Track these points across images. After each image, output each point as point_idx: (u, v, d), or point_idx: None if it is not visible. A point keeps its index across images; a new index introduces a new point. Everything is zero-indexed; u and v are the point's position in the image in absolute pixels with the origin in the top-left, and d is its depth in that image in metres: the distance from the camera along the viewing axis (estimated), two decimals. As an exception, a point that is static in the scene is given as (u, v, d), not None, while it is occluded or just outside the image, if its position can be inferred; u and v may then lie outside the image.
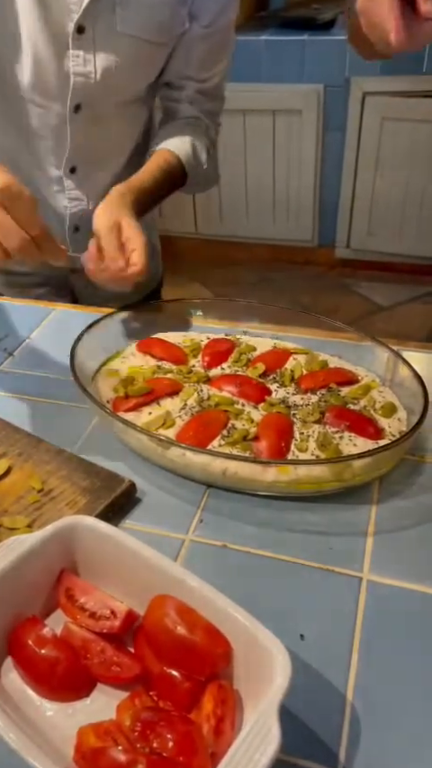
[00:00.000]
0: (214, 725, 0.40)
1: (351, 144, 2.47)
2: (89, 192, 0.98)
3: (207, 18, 0.89)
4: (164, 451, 0.61)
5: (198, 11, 0.89)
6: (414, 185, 2.46)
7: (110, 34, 0.84)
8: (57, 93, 0.87)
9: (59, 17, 0.82)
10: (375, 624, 0.50)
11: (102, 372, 0.74)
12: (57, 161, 0.94)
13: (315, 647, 0.48)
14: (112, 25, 0.84)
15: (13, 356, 0.83)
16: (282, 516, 0.59)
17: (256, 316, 0.82)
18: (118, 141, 0.99)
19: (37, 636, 0.45)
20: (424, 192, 2.47)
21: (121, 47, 0.86)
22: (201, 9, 0.89)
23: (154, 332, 0.80)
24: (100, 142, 0.95)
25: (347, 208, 2.61)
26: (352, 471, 0.59)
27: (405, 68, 2.25)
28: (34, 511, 0.58)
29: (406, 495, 0.61)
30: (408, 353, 0.70)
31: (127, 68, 0.88)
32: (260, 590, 0.53)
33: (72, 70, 0.85)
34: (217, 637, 0.43)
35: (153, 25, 0.86)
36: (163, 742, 0.39)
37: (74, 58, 0.85)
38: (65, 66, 0.85)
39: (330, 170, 2.57)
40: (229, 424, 0.65)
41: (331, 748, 0.43)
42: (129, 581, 0.47)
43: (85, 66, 0.86)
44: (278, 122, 2.50)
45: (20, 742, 0.37)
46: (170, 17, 0.87)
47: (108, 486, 0.60)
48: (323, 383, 0.70)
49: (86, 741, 0.40)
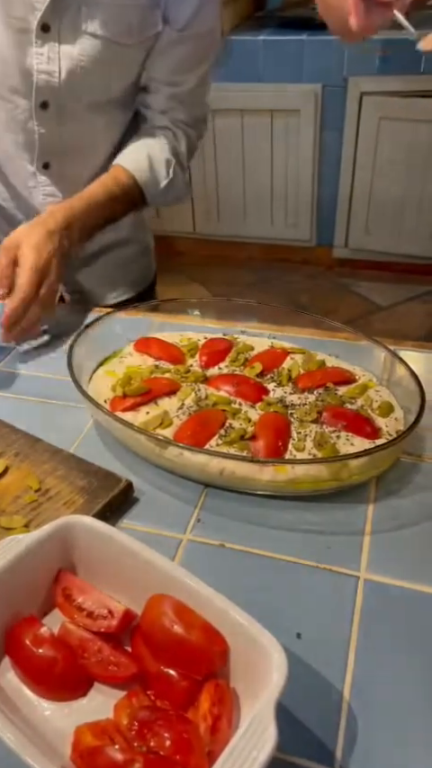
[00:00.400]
0: (211, 724, 0.40)
1: (349, 143, 2.47)
2: (65, 189, 0.97)
3: (181, 22, 0.87)
4: (161, 451, 0.61)
5: (171, 14, 0.87)
6: (412, 185, 2.47)
7: (75, 33, 0.84)
8: (22, 89, 0.87)
9: (23, 14, 0.81)
10: (372, 623, 0.50)
11: (99, 372, 0.74)
12: (29, 156, 0.94)
13: (312, 646, 0.48)
14: (78, 24, 0.83)
15: (10, 355, 0.83)
16: (279, 515, 0.59)
17: (254, 315, 0.82)
18: (92, 141, 0.97)
19: (34, 635, 0.45)
20: (422, 192, 2.47)
21: (86, 47, 0.85)
22: (174, 12, 0.87)
23: (151, 331, 0.80)
24: (72, 140, 0.94)
25: (345, 207, 2.62)
26: (349, 470, 0.59)
27: (402, 68, 2.25)
28: (31, 511, 0.58)
29: (403, 495, 0.61)
30: (405, 353, 0.71)
31: (94, 69, 0.87)
32: (257, 589, 0.53)
33: (36, 68, 0.85)
34: (214, 636, 0.43)
35: (121, 26, 0.85)
36: (160, 741, 0.39)
37: (37, 56, 0.84)
38: (27, 63, 0.85)
39: (328, 169, 2.57)
40: (226, 423, 0.65)
41: (328, 747, 0.43)
42: (126, 580, 0.47)
43: (49, 65, 0.85)
44: (276, 122, 2.51)
45: (17, 741, 0.37)
46: (140, 19, 0.85)
47: (105, 485, 0.60)
48: (320, 383, 0.70)
49: (83, 740, 0.40)
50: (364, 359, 0.73)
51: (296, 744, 0.43)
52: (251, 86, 2.44)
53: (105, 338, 0.77)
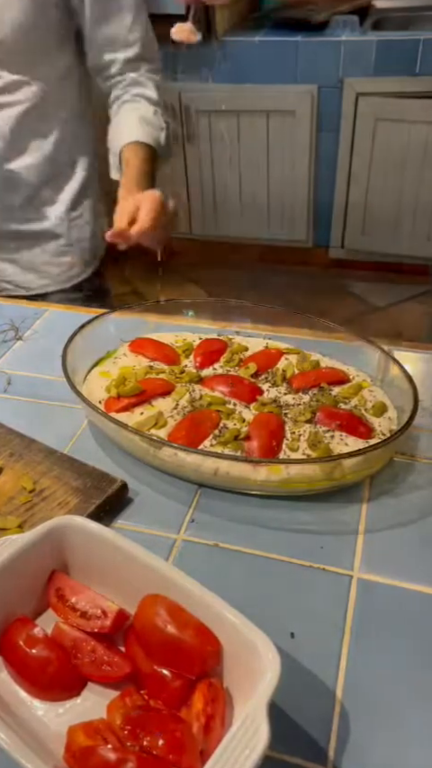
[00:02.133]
0: (204, 723, 0.40)
1: (345, 144, 2.47)
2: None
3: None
4: (156, 451, 0.62)
5: None
6: (408, 186, 2.47)
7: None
8: None
9: None
10: (365, 622, 0.50)
11: (94, 373, 0.74)
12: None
13: (305, 646, 0.48)
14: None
15: (4, 356, 0.83)
16: (273, 515, 0.59)
17: (249, 316, 0.82)
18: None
19: (28, 636, 0.46)
20: (418, 193, 2.48)
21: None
22: None
23: (146, 332, 0.80)
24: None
25: (342, 208, 2.62)
26: (342, 470, 0.59)
27: (398, 70, 2.26)
28: (26, 511, 0.58)
29: (396, 494, 0.61)
30: (399, 353, 0.71)
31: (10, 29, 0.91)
32: (251, 589, 0.53)
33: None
34: (207, 635, 0.43)
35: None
36: (153, 740, 0.39)
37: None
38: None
39: (324, 170, 2.58)
40: (220, 423, 0.65)
41: (320, 745, 0.43)
42: (120, 581, 0.47)
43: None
44: (272, 123, 2.51)
45: (10, 741, 0.37)
46: None
47: (100, 486, 0.60)
48: (314, 383, 0.70)
49: (77, 740, 0.40)
50: (358, 359, 0.73)
51: (289, 742, 0.43)
52: (247, 87, 2.44)
53: (100, 339, 0.77)
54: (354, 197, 2.57)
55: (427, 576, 0.53)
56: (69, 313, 0.92)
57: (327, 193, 2.62)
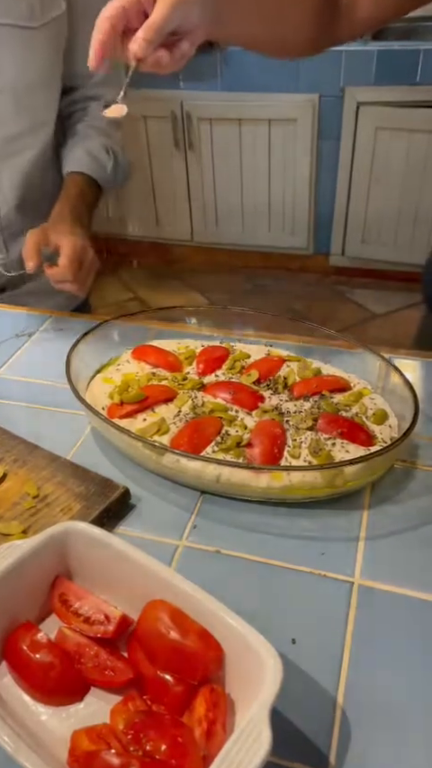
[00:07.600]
0: (206, 728, 0.41)
1: (346, 153, 2.49)
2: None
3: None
4: (158, 458, 0.62)
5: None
6: (408, 194, 2.49)
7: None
8: None
9: None
10: (366, 629, 0.50)
11: (97, 379, 0.74)
12: None
13: (306, 652, 0.49)
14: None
15: (8, 362, 0.83)
16: (274, 522, 0.60)
17: (250, 323, 0.83)
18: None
19: (31, 641, 0.46)
20: (418, 201, 2.49)
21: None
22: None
23: (149, 339, 0.81)
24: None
25: (342, 216, 2.64)
26: (344, 477, 0.59)
27: (399, 79, 2.28)
28: (29, 517, 0.59)
29: (397, 501, 0.62)
30: (399, 361, 0.71)
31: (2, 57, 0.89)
32: (253, 595, 0.53)
33: None
34: (209, 641, 0.43)
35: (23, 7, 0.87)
36: (156, 745, 0.40)
37: None
38: None
39: (325, 178, 2.59)
40: (222, 430, 0.65)
41: (322, 751, 0.43)
42: (123, 586, 0.48)
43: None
44: (273, 131, 2.53)
45: (14, 746, 0.38)
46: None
47: (103, 492, 0.61)
48: (316, 390, 0.71)
49: (80, 745, 0.40)
50: (359, 366, 0.74)
51: (290, 748, 0.43)
52: (249, 96, 2.46)
53: (103, 346, 0.78)
54: (354, 205, 2.59)
55: (427, 582, 0.53)
56: (73, 319, 0.93)
57: (327, 201, 2.63)
